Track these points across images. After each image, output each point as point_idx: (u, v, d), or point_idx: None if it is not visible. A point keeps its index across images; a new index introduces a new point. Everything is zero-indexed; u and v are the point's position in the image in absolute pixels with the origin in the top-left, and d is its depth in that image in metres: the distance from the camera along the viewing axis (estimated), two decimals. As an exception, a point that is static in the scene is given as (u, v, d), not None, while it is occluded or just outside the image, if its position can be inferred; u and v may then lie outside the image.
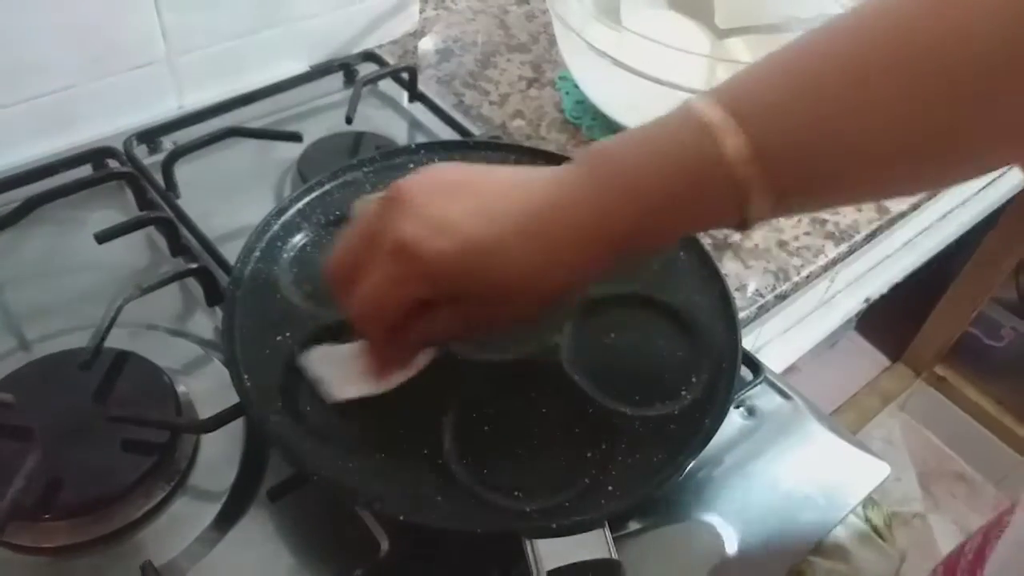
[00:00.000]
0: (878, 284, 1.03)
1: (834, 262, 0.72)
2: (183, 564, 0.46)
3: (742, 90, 0.38)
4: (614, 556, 0.42)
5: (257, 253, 0.54)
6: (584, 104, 0.82)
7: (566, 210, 0.39)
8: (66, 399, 0.50)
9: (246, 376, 0.47)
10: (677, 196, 0.38)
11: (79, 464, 0.48)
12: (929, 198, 0.81)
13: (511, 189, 0.41)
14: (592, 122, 0.81)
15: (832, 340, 1.76)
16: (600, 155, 0.40)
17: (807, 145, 0.37)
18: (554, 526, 0.42)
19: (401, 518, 0.43)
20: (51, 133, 0.69)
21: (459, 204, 0.40)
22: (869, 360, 1.92)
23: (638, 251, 0.42)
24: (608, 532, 0.42)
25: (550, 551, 0.41)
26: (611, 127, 0.80)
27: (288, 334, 0.50)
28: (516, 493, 0.45)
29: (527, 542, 0.42)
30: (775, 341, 0.85)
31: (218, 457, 0.50)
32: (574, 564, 0.41)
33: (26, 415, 0.49)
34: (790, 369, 1.31)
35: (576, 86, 0.83)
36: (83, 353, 0.50)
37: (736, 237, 0.72)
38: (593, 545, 0.42)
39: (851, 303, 1.00)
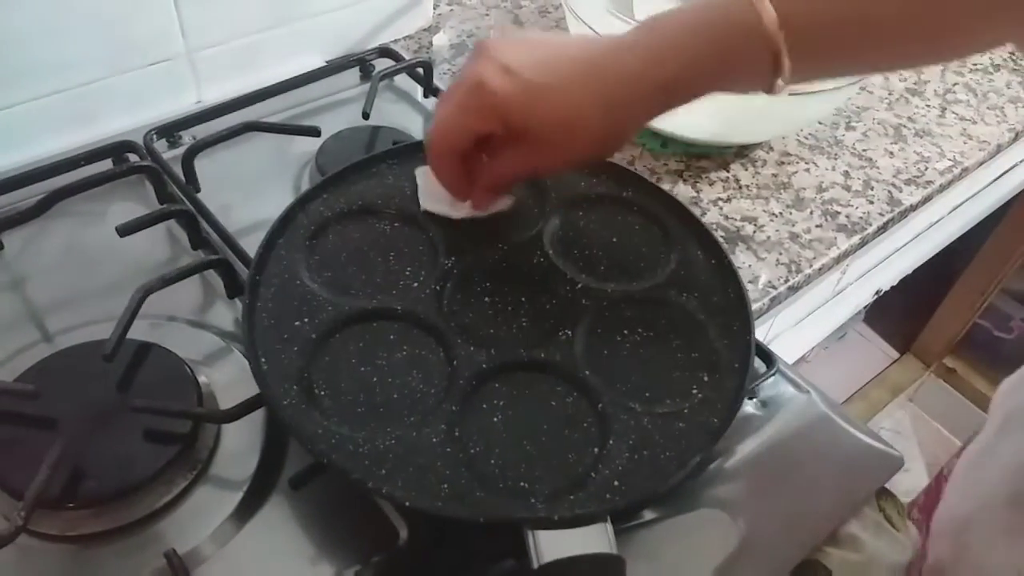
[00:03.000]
0: (888, 276, 1.04)
1: (846, 254, 0.73)
2: (206, 552, 0.47)
3: None
4: (614, 551, 0.42)
5: (280, 240, 0.55)
6: (597, 98, 0.83)
7: (619, 57, 0.47)
8: (89, 390, 0.51)
9: (263, 360, 0.48)
10: (715, 53, 0.46)
11: (103, 454, 0.48)
12: (941, 190, 0.81)
13: (576, 43, 0.50)
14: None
15: (841, 332, 1.76)
16: (653, 20, 0.47)
17: (827, 14, 0.44)
18: (556, 518, 0.43)
19: (407, 504, 0.43)
20: (72, 128, 0.70)
21: (530, 54, 0.48)
22: (878, 352, 1.92)
23: (678, 99, 0.48)
24: (610, 527, 0.43)
25: (551, 543, 0.42)
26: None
27: (307, 320, 0.51)
28: (522, 484, 0.45)
29: (528, 533, 0.42)
30: (786, 333, 0.85)
31: (239, 446, 0.51)
32: (574, 557, 0.42)
33: (50, 406, 0.50)
34: (799, 361, 1.31)
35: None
36: (105, 345, 0.51)
37: (749, 229, 0.72)
38: (595, 539, 0.43)
39: (862, 295, 1.00)
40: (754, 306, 0.66)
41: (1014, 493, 0.58)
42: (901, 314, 1.80)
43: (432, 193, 0.57)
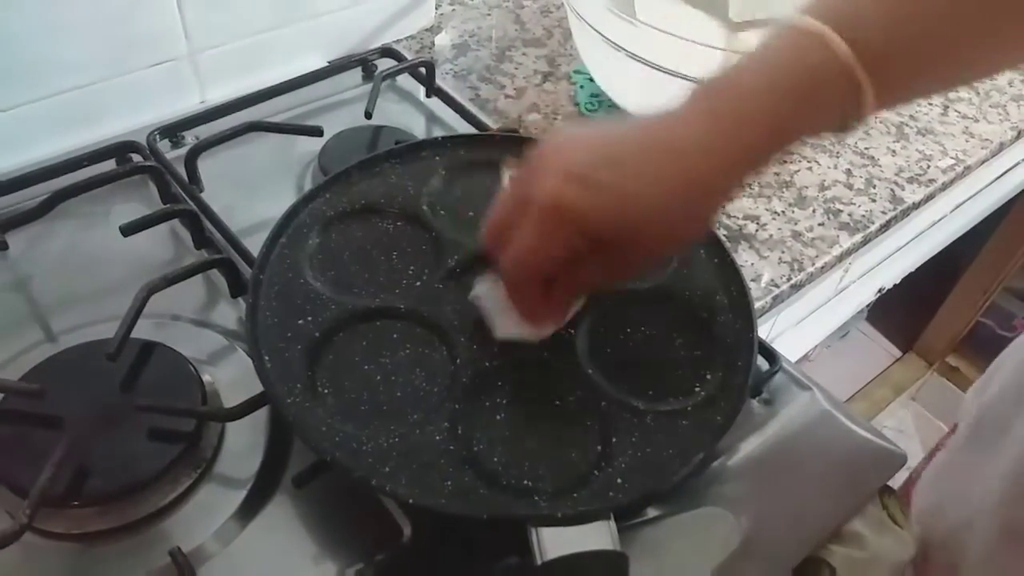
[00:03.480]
0: (891, 274, 1.04)
1: (848, 252, 0.73)
2: (211, 550, 0.47)
3: (833, 3, 0.42)
4: (618, 548, 0.42)
5: (283, 239, 0.56)
6: (599, 97, 0.83)
7: (689, 134, 0.42)
8: (93, 389, 0.51)
9: (267, 358, 0.48)
10: (798, 104, 0.41)
11: (107, 452, 0.49)
12: (943, 188, 0.81)
13: (642, 138, 0.44)
14: (607, 115, 0.81)
15: (844, 331, 1.76)
16: (716, 86, 0.43)
17: (902, 40, 0.41)
18: (559, 515, 0.43)
19: (410, 502, 0.43)
20: (75, 128, 0.70)
21: (594, 154, 0.43)
22: (880, 350, 1.91)
23: (764, 161, 0.44)
24: (613, 524, 0.43)
25: (554, 540, 0.42)
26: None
27: (310, 319, 0.51)
28: (526, 482, 0.45)
29: (532, 530, 0.42)
30: (789, 331, 0.85)
31: (243, 445, 0.51)
32: (577, 554, 0.42)
33: (55, 405, 0.50)
34: (802, 359, 1.31)
35: (591, 79, 0.84)
36: (109, 344, 0.51)
37: (751, 228, 0.72)
38: (598, 536, 0.43)
39: (864, 293, 1.00)
40: (756, 304, 0.66)
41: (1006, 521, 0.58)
42: (904, 312, 1.80)
43: (506, 315, 0.51)
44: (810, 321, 0.89)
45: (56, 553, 0.47)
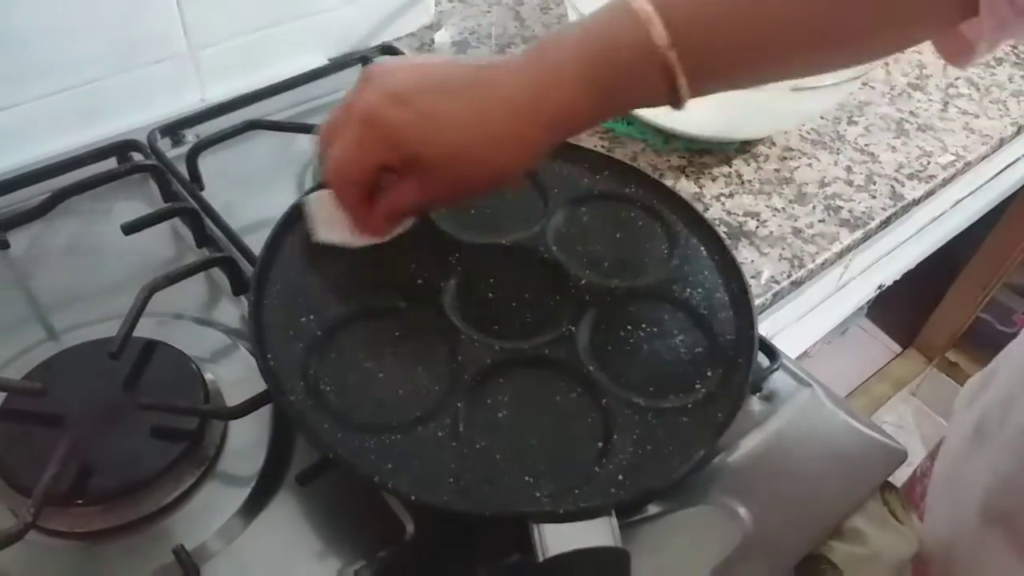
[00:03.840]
0: (891, 271, 1.04)
1: (848, 249, 0.73)
2: (213, 548, 0.47)
3: None
4: (619, 544, 0.43)
5: (286, 236, 0.56)
6: (599, 94, 0.83)
7: (504, 89, 0.46)
8: (96, 387, 0.52)
9: (269, 356, 0.49)
10: (607, 79, 0.45)
11: (110, 451, 0.49)
12: (943, 184, 0.81)
13: (464, 70, 0.47)
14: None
15: (843, 327, 1.76)
16: (542, 44, 0.46)
17: (718, 33, 0.44)
18: (560, 511, 0.43)
19: (412, 498, 0.44)
20: (76, 127, 0.70)
21: (419, 81, 0.46)
22: (880, 346, 1.92)
23: (569, 130, 0.47)
24: (614, 520, 0.43)
25: (556, 536, 0.42)
26: (625, 117, 0.80)
27: (312, 317, 0.51)
28: (527, 479, 0.45)
29: (533, 526, 0.42)
30: (789, 328, 0.85)
31: (246, 443, 0.52)
32: (579, 550, 0.42)
33: (57, 403, 0.50)
34: (802, 356, 1.30)
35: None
36: (112, 343, 0.51)
37: (752, 224, 0.72)
38: (599, 533, 0.43)
39: (864, 290, 1.00)
40: (757, 301, 0.66)
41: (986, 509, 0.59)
42: (903, 308, 1.80)
43: (327, 222, 0.54)
44: (810, 318, 0.89)
45: (60, 551, 0.47)
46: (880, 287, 1.04)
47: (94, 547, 0.47)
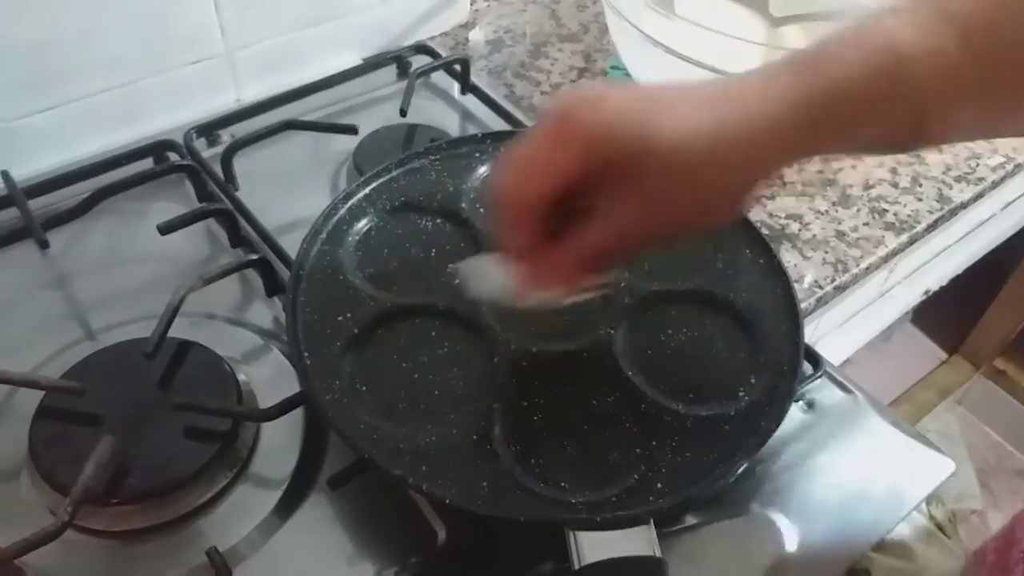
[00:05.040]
0: (938, 275, 1.01)
1: (893, 253, 0.71)
2: (245, 550, 0.47)
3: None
4: (657, 554, 0.41)
5: (323, 235, 0.55)
6: (636, 93, 0.82)
7: (758, 83, 0.37)
8: (132, 387, 0.52)
9: (306, 354, 0.48)
10: (861, 102, 0.36)
11: (146, 451, 0.49)
12: (992, 187, 0.78)
13: (696, 87, 0.38)
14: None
15: (887, 333, 1.72)
16: (796, 62, 0.38)
17: (991, 60, 0.36)
18: (598, 519, 0.42)
19: (447, 502, 0.43)
20: (114, 127, 0.70)
21: (633, 94, 0.37)
22: (925, 353, 1.87)
23: (817, 151, 0.40)
24: (653, 530, 0.42)
25: (592, 544, 0.41)
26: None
27: (349, 315, 0.51)
28: (563, 484, 0.45)
29: (570, 534, 0.41)
30: (832, 334, 0.83)
31: (279, 445, 0.51)
32: (616, 559, 0.41)
33: (94, 402, 0.50)
34: (844, 363, 1.27)
35: (628, 75, 0.82)
36: (147, 343, 0.51)
37: (794, 227, 0.70)
38: (637, 541, 0.42)
39: (910, 295, 0.98)
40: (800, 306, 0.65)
41: None
42: (950, 314, 1.75)
43: (487, 276, 0.43)
44: (853, 323, 0.87)
45: (95, 550, 0.47)
46: (926, 292, 1.01)
47: (128, 546, 0.47)
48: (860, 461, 0.54)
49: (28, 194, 0.63)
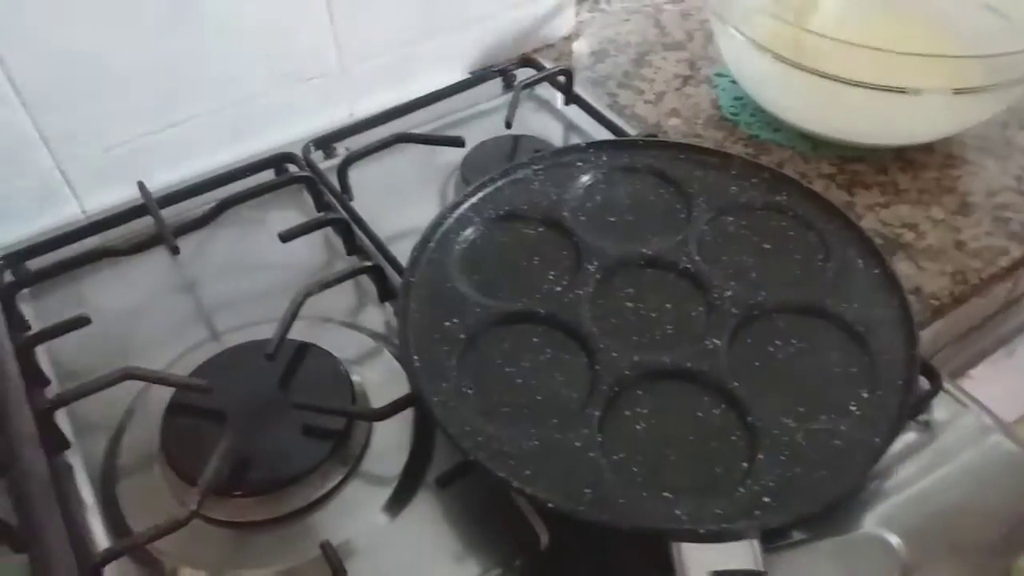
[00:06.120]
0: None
1: (1018, 264, 0.67)
2: (357, 545, 0.49)
3: None
4: (761, 569, 0.41)
5: (432, 244, 0.57)
6: (743, 100, 0.81)
7: None
8: (253, 386, 0.55)
9: (416, 358, 0.50)
10: None
11: (266, 447, 0.52)
12: None
13: None
14: (751, 118, 0.79)
15: (1011, 348, 1.62)
16: None
17: None
18: (702, 531, 0.42)
19: (549, 506, 0.43)
20: (233, 141, 0.75)
21: None
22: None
23: None
24: (758, 544, 0.42)
25: (697, 557, 0.41)
26: (771, 123, 0.77)
27: (456, 320, 0.52)
28: (666, 494, 0.44)
29: (673, 545, 0.41)
30: (949, 347, 0.79)
31: (390, 444, 0.53)
32: (721, 572, 0.41)
33: (219, 400, 0.53)
34: (962, 377, 1.21)
35: (733, 82, 0.81)
36: (268, 344, 0.54)
37: (909, 236, 0.68)
38: (742, 556, 0.41)
39: (1036, 309, 0.92)
40: (916, 319, 0.62)
41: None
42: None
43: None
44: (973, 337, 0.83)
45: (218, 539, 0.50)
46: (1054, 305, 0.95)
47: (248, 537, 0.49)
48: (980, 482, 0.52)
49: (161, 204, 0.67)
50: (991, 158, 0.76)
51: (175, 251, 0.63)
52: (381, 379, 0.56)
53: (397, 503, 0.51)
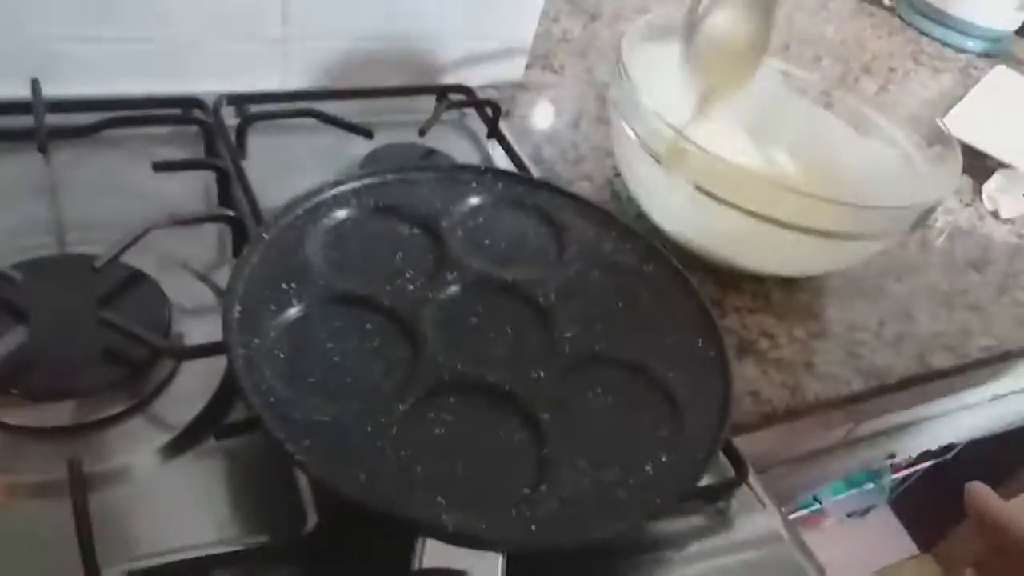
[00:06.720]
0: (907, 446, 0.98)
1: (857, 398, 0.69)
2: (111, 478, 0.46)
3: None
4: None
5: (299, 211, 0.56)
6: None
7: None
8: (68, 295, 0.53)
9: (238, 307, 0.49)
10: None
11: (59, 355, 0.49)
12: (976, 366, 0.77)
13: None
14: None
15: (865, 507, 1.67)
16: None
17: None
18: (450, 529, 0.41)
19: (312, 473, 0.42)
20: (155, 78, 0.72)
21: None
22: (899, 540, 1.80)
23: None
24: (503, 563, 0.41)
25: (437, 554, 0.41)
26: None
27: (295, 286, 0.51)
28: (439, 499, 0.43)
29: (420, 540, 0.41)
30: (782, 466, 0.81)
31: (190, 392, 0.51)
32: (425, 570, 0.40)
33: (27, 298, 0.51)
34: (814, 528, 1.22)
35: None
36: (99, 258, 0.52)
37: (764, 344, 0.70)
38: (486, 568, 0.41)
39: (872, 454, 0.95)
40: (744, 418, 0.64)
41: None
42: (930, 507, 1.69)
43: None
44: (809, 463, 0.85)
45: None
46: (891, 456, 0.99)
47: (10, 440, 0.47)
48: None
49: (51, 108, 0.65)
50: (863, 300, 0.79)
51: (43, 149, 0.61)
52: (208, 336, 0.54)
53: (174, 449, 0.48)
